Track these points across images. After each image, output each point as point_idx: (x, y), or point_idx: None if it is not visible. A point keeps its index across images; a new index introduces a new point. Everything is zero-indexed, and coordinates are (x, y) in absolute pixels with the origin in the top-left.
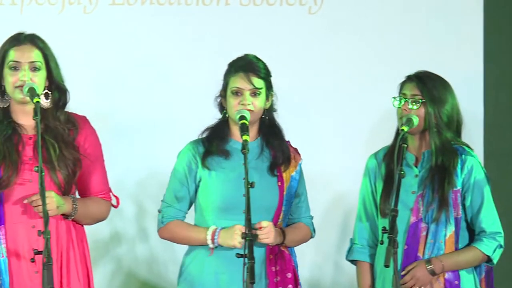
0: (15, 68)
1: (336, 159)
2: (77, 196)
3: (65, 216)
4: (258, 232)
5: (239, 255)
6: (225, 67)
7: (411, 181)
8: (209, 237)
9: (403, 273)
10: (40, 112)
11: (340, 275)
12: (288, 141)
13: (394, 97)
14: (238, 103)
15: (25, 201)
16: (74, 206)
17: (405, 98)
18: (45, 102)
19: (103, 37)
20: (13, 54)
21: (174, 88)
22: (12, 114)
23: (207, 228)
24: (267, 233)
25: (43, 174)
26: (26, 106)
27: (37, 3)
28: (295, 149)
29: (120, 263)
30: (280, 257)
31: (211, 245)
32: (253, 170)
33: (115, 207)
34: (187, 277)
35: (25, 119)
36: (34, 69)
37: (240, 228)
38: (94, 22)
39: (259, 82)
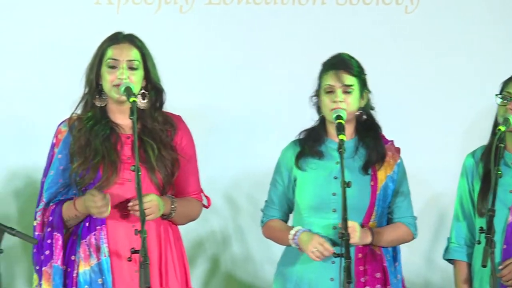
0: (113, 66)
1: (432, 158)
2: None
3: (163, 216)
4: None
5: (335, 255)
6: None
7: (509, 180)
8: (291, 237)
9: (500, 267)
10: (137, 112)
11: (433, 275)
12: (392, 141)
13: (496, 95)
14: (331, 101)
15: (129, 205)
16: (173, 206)
17: (511, 97)
18: (142, 102)
19: (199, 36)
20: (111, 52)
21: (270, 87)
22: (110, 113)
23: (292, 228)
24: (351, 233)
25: (139, 173)
26: (123, 105)
27: (133, 2)
28: (397, 149)
29: (216, 262)
30: (370, 257)
31: (293, 245)
32: (346, 169)
33: (206, 207)
34: (280, 276)
35: (122, 118)
36: (132, 68)
37: (318, 240)
38: (190, 21)
39: (350, 79)
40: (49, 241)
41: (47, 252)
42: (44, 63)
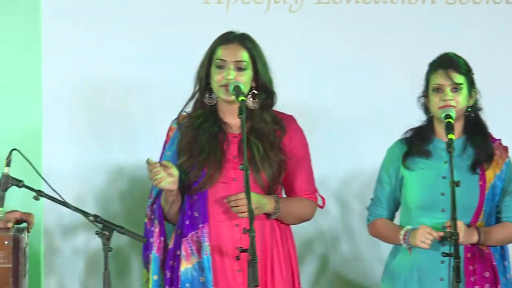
0: (221, 66)
1: None
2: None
3: (268, 215)
4: (448, 231)
5: (444, 254)
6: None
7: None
8: (401, 237)
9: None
10: (246, 112)
11: None
12: (499, 140)
13: None
14: (440, 100)
15: (225, 201)
16: (277, 205)
17: None
18: (251, 102)
19: (307, 35)
20: (220, 52)
21: (382, 87)
22: (219, 112)
23: (402, 228)
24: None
25: (248, 172)
26: (232, 104)
27: (243, 2)
28: (504, 147)
29: (325, 261)
30: (479, 256)
31: (404, 245)
32: (455, 168)
33: (321, 207)
34: (389, 275)
35: (231, 117)
36: (240, 68)
37: (424, 228)
38: (299, 21)
39: (459, 78)
40: (152, 228)
41: (151, 240)
42: (154, 62)
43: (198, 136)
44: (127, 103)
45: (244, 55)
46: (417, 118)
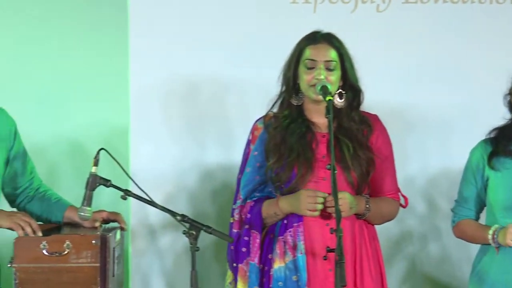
0: (311, 67)
1: None
2: None
3: (358, 215)
4: None
5: None
6: None
7: None
8: (490, 236)
9: None
10: (333, 111)
11: None
12: None
13: None
14: None
15: (321, 201)
16: (367, 206)
17: None
18: (338, 102)
19: (395, 35)
20: (309, 53)
21: (468, 86)
22: (306, 112)
23: (489, 227)
24: None
25: (335, 172)
26: (319, 104)
27: (330, 1)
28: None
29: (412, 262)
30: None
31: (493, 244)
32: None
33: (404, 207)
34: (476, 276)
35: (318, 117)
36: (329, 69)
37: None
38: (386, 21)
39: None
40: (246, 238)
41: (243, 250)
42: (241, 61)
43: (287, 137)
44: (223, 103)
45: (333, 55)
46: (503, 117)
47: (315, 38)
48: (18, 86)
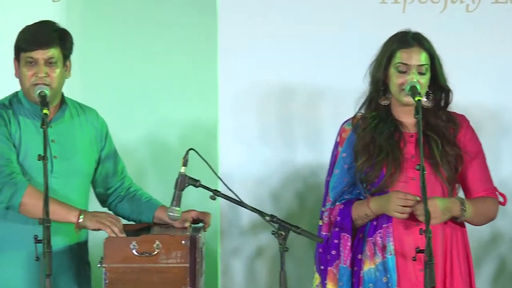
0: (403, 71)
1: None
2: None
3: (455, 218)
4: None
5: None
6: None
7: None
8: None
9: None
10: (421, 111)
11: None
12: None
13: None
14: None
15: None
16: (463, 208)
17: None
18: (425, 102)
19: (485, 36)
20: (401, 56)
21: None
22: (393, 111)
23: None
24: None
25: (424, 172)
26: (407, 105)
27: (419, 1)
28: None
29: (503, 263)
30: None
31: None
32: None
33: (503, 204)
34: None
35: (406, 117)
36: (421, 72)
37: None
38: (476, 20)
39: None
40: (336, 241)
41: (333, 252)
42: (325, 61)
43: (376, 137)
44: (312, 105)
45: (424, 58)
46: None
47: (407, 41)
48: (110, 87)
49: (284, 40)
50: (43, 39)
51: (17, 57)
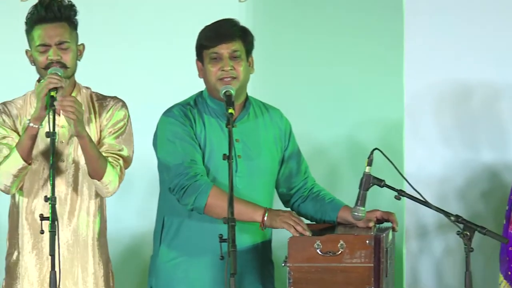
0: None
1: None
2: None
3: None
4: None
5: None
6: None
7: None
8: None
9: None
10: None
11: None
12: None
13: None
14: None
15: None
16: None
17: None
18: None
19: None
20: None
21: None
22: None
23: None
24: None
25: None
26: None
27: None
28: None
29: None
30: None
31: None
32: None
33: None
34: None
35: None
36: None
37: None
38: None
39: None
40: None
41: None
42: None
43: None
44: (494, 105)
45: None
46: None
47: None
48: (299, 88)
49: (468, 41)
50: (226, 33)
51: (199, 57)
